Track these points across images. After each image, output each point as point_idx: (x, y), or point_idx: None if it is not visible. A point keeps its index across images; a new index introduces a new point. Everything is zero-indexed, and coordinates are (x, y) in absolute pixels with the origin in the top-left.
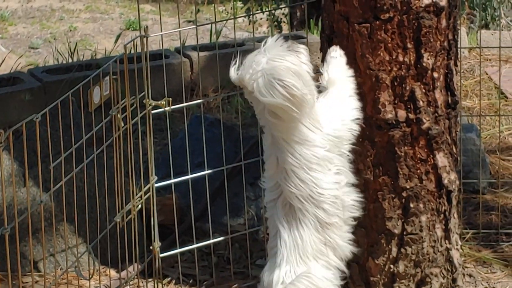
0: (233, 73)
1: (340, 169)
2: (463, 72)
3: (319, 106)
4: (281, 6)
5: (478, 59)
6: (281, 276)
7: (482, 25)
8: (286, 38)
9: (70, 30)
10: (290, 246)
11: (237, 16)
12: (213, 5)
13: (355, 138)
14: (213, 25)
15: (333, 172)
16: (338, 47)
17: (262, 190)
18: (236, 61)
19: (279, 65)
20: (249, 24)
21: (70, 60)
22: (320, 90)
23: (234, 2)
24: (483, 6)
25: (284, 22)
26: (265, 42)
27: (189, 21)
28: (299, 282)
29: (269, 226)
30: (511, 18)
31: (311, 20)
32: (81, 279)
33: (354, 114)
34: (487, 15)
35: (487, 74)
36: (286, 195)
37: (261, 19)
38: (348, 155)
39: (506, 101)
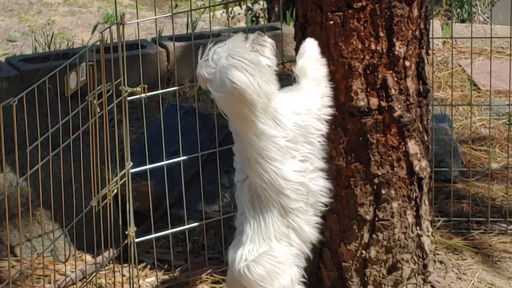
0: (198, 70)
1: (306, 156)
2: (437, 64)
3: (281, 100)
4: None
5: (451, 51)
6: (244, 254)
7: (459, 21)
8: (261, 30)
9: (48, 24)
10: (254, 227)
11: (212, 5)
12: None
13: (327, 125)
14: (189, 17)
15: (298, 160)
16: (313, 39)
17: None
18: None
19: (235, 63)
20: (227, 19)
21: (48, 50)
22: (293, 77)
23: None
24: (460, 2)
25: (262, 17)
26: (231, 37)
27: (168, 16)
28: (261, 259)
29: (237, 204)
30: (488, 14)
31: (287, 12)
32: (57, 264)
33: (323, 102)
34: (464, 11)
35: (460, 66)
36: (251, 180)
37: (239, 14)
38: (318, 142)
39: (478, 92)
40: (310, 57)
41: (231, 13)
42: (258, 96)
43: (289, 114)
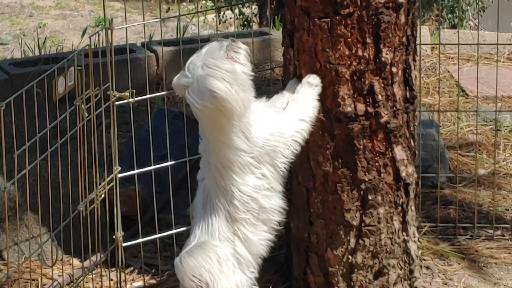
0: (175, 80)
1: (264, 175)
2: (425, 69)
3: (261, 114)
4: (246, 3)
5: (438, 56)
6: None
7: (450, 27)
8: (249, 34)
9: (40, 27)
10: (202, 228)
11: (201, 10)
12: (182, 3)
13: (294, 156)
14: (179, 22)
15: (255, 176)
16: (318, 77)
17: None
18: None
19: (212, 73)
20: (219, 23)
21: (39, 53)
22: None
23: (204, 1)
24: (451, 8)
25: (254, 21)
26: (206, 46)
27: (157, 20)
28: (193, 251)
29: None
30: (479, 20)
31: (276, 17)
32: (44, 268)
33: (298, 135)
34: (455, 17)
35: (448, 72)
36: (206, 183)
37: (230, 18)
38: (282, 167)
39: (466, 98)
40: (310, 94)
41: (223, 17)
42: (236, 103)
43: (261, 131)
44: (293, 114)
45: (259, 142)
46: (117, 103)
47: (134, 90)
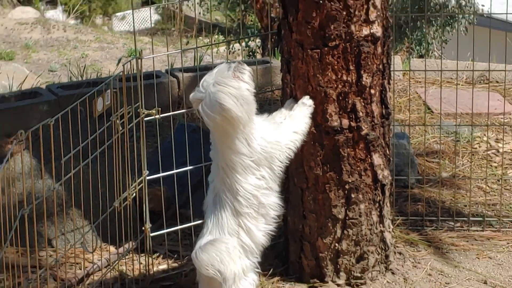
0: (191, 95)
1: (263, 176)
2: (398, 91)
3: (261, 126)
4: (251, 37)
5: (409, 81)
6: (202, 243)
7: (418, 56)
8: (254, 62)
9: (82, 57)
10: (213, 221)
11: (214, 43)
12: (199, 37)
13: (289, 160)
14: (196, 52)
15: (255, 177)
16: (311, 100)
17: None
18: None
19: (222, 89)
20: (229, 54)
21: (81, 79)
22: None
23: (217, 36)
24: (419, 41)
25: (257, 52)
26: (217, 67)
27: (178, 51)
28: (205, 247)
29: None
30: (443, 51)
31: (276, 49)
32: (86, 253)
33: (292, 145)
34: (422, 48)
35: (417, 93)
36: (215, 183)
37: (238, 49)
38: (278, 170)
39: (431, 115)
40: (303, 112)
41: (232, 49)
42: (241, 114)
43: (259, 139)
44: (288, 127)
45: (258, 148)
46: (145, 119)
47: (160, 108)
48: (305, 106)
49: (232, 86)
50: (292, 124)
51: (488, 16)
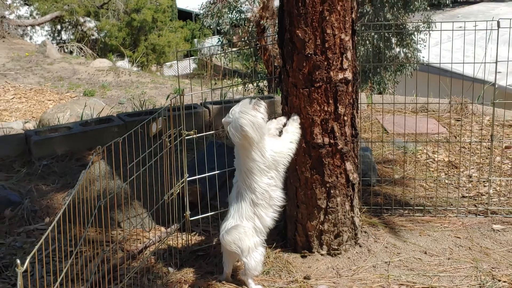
0: (223, 119)
1: (272, 177)
2: (363, 118)
3: (269, 141)
4: (260, 80)
5: (371, 110)
6: (226, 225)
7: (378, 93)
8: (262, 98)
9: (142, 94)
10: (235, 209)
11: (234, 84)
12: (224, 80)
13: (288, 163)
14: (222, 90)
15: (267, 177)
16: (297, 116)
17: None
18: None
19: (243, 116)
20: (245, 91)
21: (141, 109)
22: (281, 129)
23: (236, 79)
24: (378, 82)
25: (265, 90)
26: (241, 101)
27: (209, 90)
28: (230, 231)
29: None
30: (394, 89)
31: (278, 88)
32: (144, 232)
33: (290, 152)
34: (381, 87)
35: (377, 119)
36: (238, 183)
37: (251, 88)
38: (282, 171)
39: (387, 134)
40: (294, 126)
41: (246, 88)
42: (255, 134)
43: (269, 151)
44: (287, 140)
45: (270, 158)
46: (186, 138)
47: (196, 130)
48: (295, 122)
49: (251, 114)
50: (288, 137)
51: (427, 64)
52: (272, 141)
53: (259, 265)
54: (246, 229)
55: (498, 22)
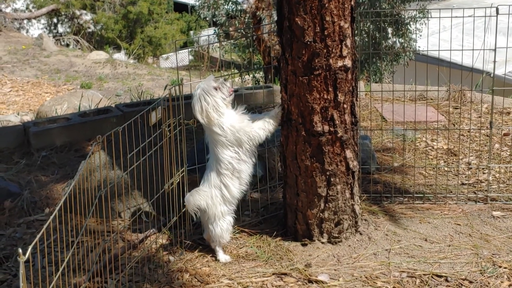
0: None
1: (236, 151)
2: (362, 107)
3: (231, 118)
4: (257, 70)
5: (370, 99)
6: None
7: (375, 82)
8: (261, 87)
9: (139, 85)
10: (205, 178)
11: (231, 73)
12: (220, 71)
13: (253, 142)
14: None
15: (230, 151)
16: (281, 107)
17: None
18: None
19: (202, 95)
20: (241, 82)
21: (139, 100)
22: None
23: (233, 70)
24: (374, 72)
25: (261, 80)
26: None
27: None
28: (192, 193)
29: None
30: (391, 78)
31: (275, 78)
32: (145, 221)
33: (257, 136)
34: (377, 77)
35: (375, 107)
36: (210, 155)
37: (248, 79)
38: (247, 150)
39: (386, 123)
40: (272, 118)
41: (243, 78)
42: (212, 113)
43: (229, 126)
44: (257, 125)
45: (228, 131)
46: (186, 127)
47: (195, 120)
48: (276, 115)
49: (210, 94)
50: (260, 124)
51: (424, 55)
52: (235, 118)
53: (225, 234)
54: (212, 194)
55: (497, 9)
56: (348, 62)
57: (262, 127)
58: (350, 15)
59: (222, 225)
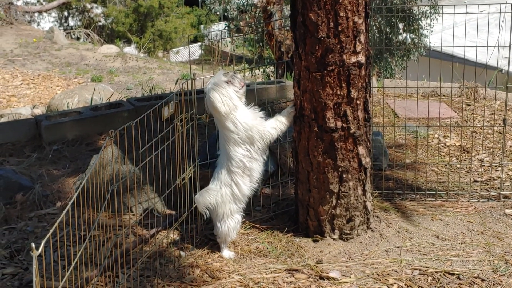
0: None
1: (247, 149)
2: (374, 103)
3: (244, 114)
4: (267, 65)
5: (382, 95)
6: (207, 188)
7: (386, 78)
8: (272, 82)
9: (150, 79)
10: (215, 176)
11: (241, 69)
12: (230, 66)
13: (264, 140)
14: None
15: (242, 148)
16: (294, 107)
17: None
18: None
19: (214, 88)
20: (252, 76)
21: (150, 94)
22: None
23: (243, 64)
24: (385, 67)
25: (272, 75)
26: (216, 74)
27: None
28: (203, 192)
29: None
30: (402, 74)
31: (287, 73)
32: (156, 216)
33: (269, 135)
34: (388, 73)
35: (387, 103)
36: (220, 152)
37: (259, 74)
38: (258, 145)
39: (398, 119)
40: (285, 117)
41: (254, 73)
42: (224, 108)
43: (243, 123)
44: (269, 124)
45: (241, 129)
46: (198, 122)
47: (208, 115)
48: (290, 114)
49: (221, 87)
50: (272, 123)
51: (436, 51)
52: (248, 115)
53: (232, 232)
54: (222, 193)
55: None
56: (361, 58)
57: (275, 126)
58: (364, 10)
59: (230, 223)
